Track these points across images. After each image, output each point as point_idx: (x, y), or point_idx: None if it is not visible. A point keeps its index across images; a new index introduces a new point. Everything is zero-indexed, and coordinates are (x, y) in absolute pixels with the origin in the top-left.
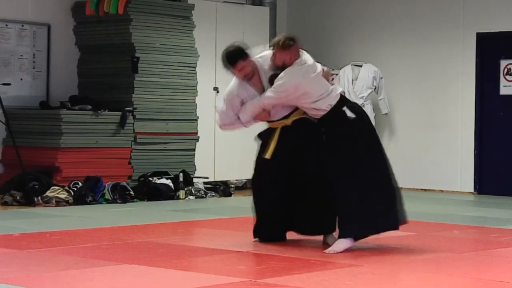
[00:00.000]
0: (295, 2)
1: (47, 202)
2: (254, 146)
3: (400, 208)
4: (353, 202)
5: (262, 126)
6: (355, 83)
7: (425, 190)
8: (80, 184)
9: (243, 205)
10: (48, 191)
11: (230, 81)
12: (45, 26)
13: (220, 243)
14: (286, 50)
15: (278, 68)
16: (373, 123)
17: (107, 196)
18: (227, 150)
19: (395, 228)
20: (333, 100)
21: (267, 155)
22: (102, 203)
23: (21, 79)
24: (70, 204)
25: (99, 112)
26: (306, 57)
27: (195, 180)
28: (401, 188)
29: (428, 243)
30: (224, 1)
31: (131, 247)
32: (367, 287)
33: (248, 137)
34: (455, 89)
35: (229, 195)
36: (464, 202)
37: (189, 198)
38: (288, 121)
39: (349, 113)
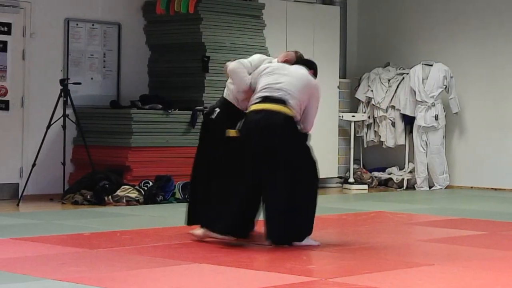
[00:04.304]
0: (366, 1)
1: (117, 201)
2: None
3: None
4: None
5: None
6: (426, 82)
7: (496, 189)
8: (150, 183)
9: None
10: (119, 190)
11: None
12: (116, 25)
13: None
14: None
15: None
16: (444, 122)
17: (178, 195)
18: None
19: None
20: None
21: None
22: (173, 202)
23: (92, 78)
24: (140, 203)
25: (170, 111)
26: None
27: None
28: (471, 187)
29: (498, 242)
30: (295, 0)
31: (201, 246)
32: (437, 286)
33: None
34: None
35: None
36: None
37: None
38: None
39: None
